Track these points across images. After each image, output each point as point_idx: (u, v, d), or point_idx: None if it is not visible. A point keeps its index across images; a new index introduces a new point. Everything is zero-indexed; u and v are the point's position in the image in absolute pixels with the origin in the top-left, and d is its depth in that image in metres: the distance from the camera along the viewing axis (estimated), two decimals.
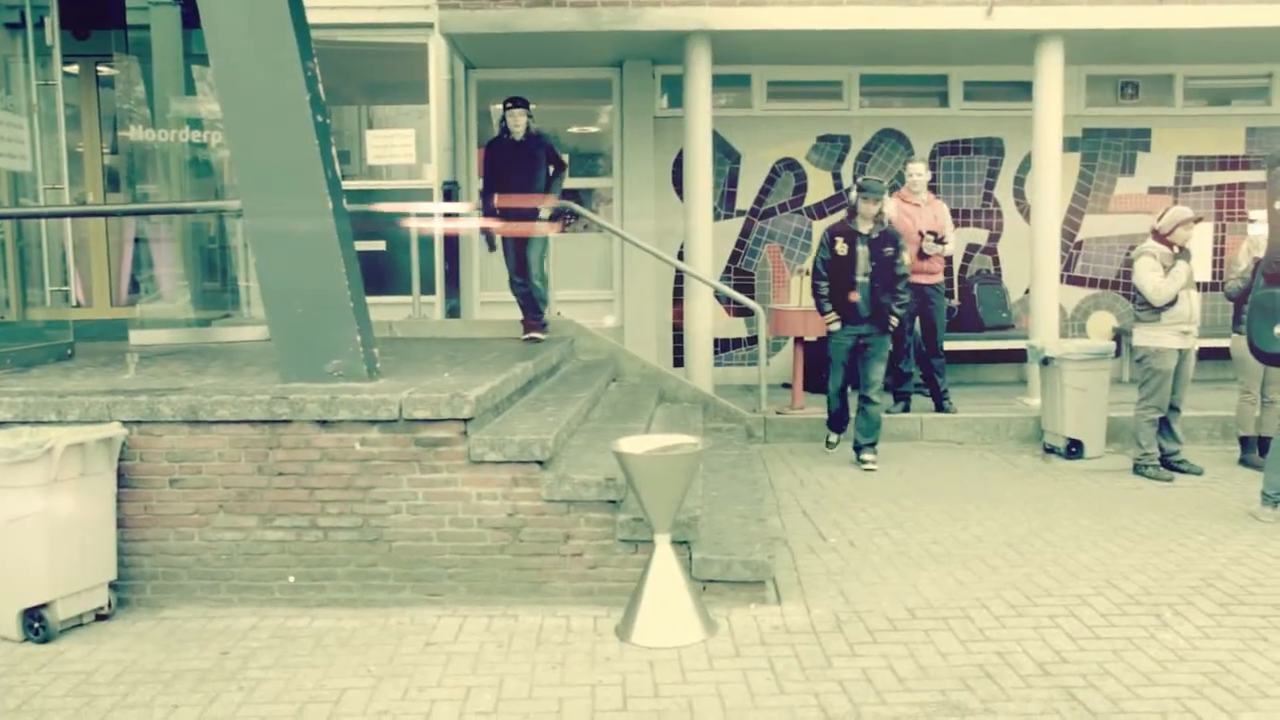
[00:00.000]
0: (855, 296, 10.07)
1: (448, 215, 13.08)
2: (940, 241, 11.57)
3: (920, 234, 11.47)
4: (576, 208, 12.14)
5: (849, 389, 10.69)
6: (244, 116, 7.16)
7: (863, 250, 10.02)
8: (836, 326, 10.20)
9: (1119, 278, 14.42)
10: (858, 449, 10.35)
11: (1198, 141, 14.49)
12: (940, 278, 11.83)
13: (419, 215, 11.90)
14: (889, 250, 10.04)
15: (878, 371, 10.23)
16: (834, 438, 10.99)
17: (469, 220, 13.33)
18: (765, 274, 14.34)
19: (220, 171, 11.41)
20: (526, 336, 10.78)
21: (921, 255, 11.44)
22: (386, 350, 8.30)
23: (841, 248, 10.08)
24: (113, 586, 6.56)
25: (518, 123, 10.46)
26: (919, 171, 11.76)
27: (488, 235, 10.74)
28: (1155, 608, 6.49)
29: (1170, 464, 9.98)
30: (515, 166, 10.51)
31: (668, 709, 5.20)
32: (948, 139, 14.29)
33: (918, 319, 11.71)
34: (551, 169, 10.64)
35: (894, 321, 10.14)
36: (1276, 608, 6.50)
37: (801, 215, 14.33)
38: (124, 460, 6.62)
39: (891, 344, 10.50)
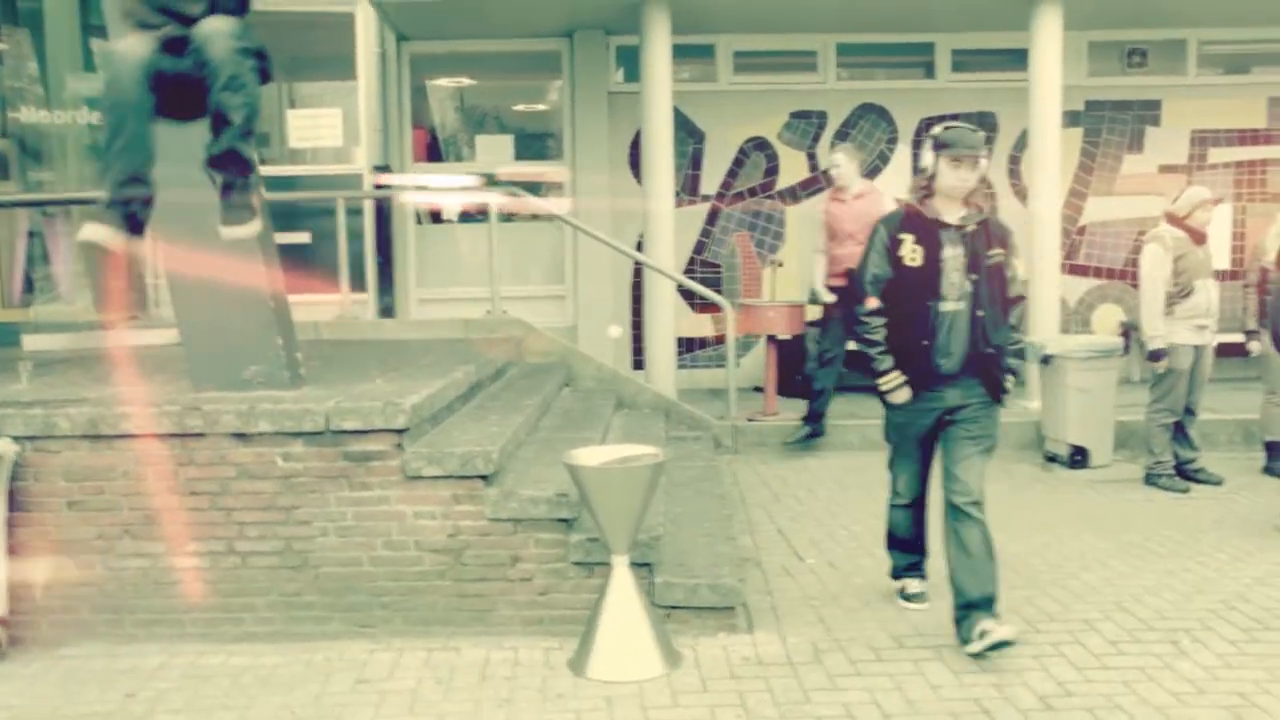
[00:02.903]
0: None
1: (379, 187, 13.05)
2: None
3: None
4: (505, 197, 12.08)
5: (924, 496, 7.13)
6: None
7: (953, 255, 6.46)
8: (904, 396, 6.68)
9: (1127, 266, 14.47)
10: (966, 608, 6.37)
11: (1214, 114, 14.56)
12: None
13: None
14: (996, 253, 6.54)
15: (976, 466, 6.58)
16: (914, 585, 7.17)
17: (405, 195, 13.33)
18: (734, 266, 14.35)
19: None
20: None
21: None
22: (313, 354, 8.27)
23: (913, 254, 6.50)
24: (3, 623, 6.51)
25: None
26: (840, 161, 11.38)
27: None
28: (1171, 634, 6.53)
29: (1186, 473, 10.03)
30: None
31: None
32: (935, 114, 14.22)
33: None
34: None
35: (1009, 384, 6.70)
36: None
37: (773, 200, 14.35)
38: (16, 481, 6.55)
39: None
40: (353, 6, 12.79)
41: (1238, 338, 10.74)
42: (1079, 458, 10.61)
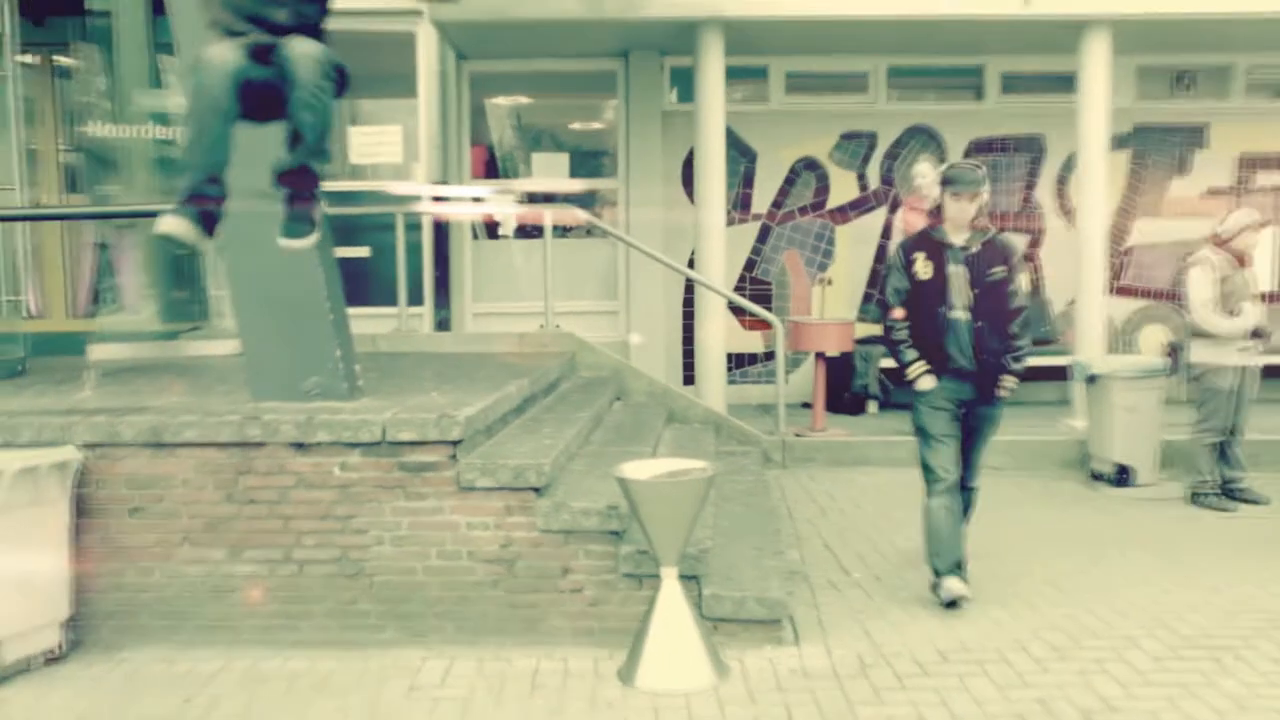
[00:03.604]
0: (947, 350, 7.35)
1: (437, 200, 13.08)
2: None
3: None
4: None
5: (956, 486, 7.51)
6: None
7: (957, 271, 7.31)
8: (929, 384, 7.37)
9: (1173, 288, 14.35)
10: (938, 570, 7.39)
11: (1261, 138, 14.47)
12: None
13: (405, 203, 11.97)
14: (998, 270, 7.33)
15: (982, 455, 7.69)
16: (955, 585, 7.25)
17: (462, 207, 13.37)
18: (784, 283, 14.34)
19: None
20: None
21: None
22: (370, 366, 8.31)
23: (925, 268, 7.37)
24: (65, 626, 6.56)
25: None
26: (925, 173, 11.60)
27: None
28: (1214, 651, 6.47)
29: (1231, 492, 9.96)
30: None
31: None
32: (983, 136, 14.28)
33: None
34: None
35: (1009, 384, 7.37)
36: None
37: (823, 219, 14.33)
38: (80, 487, 6.61)
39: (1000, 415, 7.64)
40: (414, 26, 12.85)
41: None
42: (1124, 476, 10.53)
